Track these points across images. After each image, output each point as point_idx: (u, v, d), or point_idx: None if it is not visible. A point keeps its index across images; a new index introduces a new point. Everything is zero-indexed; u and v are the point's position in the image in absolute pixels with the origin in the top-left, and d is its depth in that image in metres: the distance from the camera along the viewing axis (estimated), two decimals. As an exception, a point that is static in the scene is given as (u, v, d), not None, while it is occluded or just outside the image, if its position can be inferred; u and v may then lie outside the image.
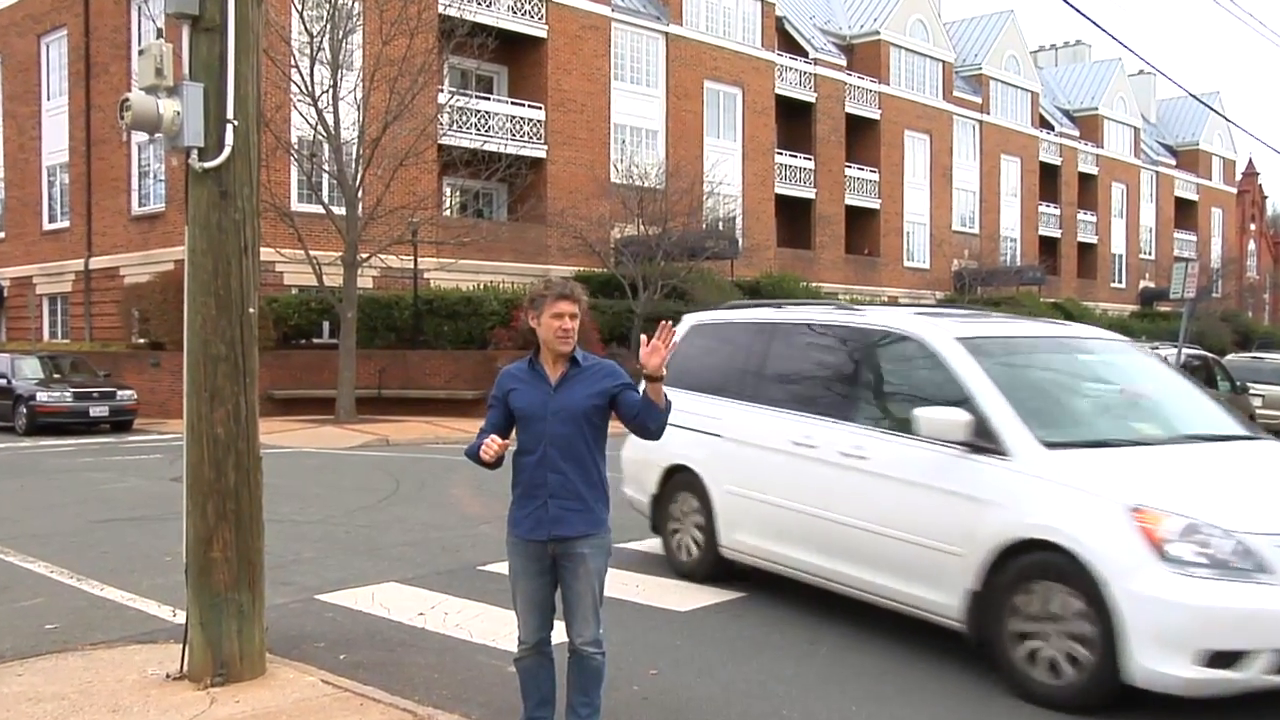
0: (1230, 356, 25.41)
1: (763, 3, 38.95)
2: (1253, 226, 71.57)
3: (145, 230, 28.12)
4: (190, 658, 5.16)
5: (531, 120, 31.94)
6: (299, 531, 9.74)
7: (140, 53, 5.14)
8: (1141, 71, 61.23)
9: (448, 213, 31.21)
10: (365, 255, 22.09)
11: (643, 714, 5.10)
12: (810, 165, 41.28)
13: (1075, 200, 55.40)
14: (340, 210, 22.08)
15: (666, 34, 35.79)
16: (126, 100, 5.00)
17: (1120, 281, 59.08)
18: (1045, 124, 53.97)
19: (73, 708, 4.82)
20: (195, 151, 5.05)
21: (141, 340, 26.24)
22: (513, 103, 32.10)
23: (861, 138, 43.48)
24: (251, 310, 5.19)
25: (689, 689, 5.44)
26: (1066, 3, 11.82)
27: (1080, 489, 5.28)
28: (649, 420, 4.27)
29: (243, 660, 5.13)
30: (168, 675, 5.21)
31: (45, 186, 32.05)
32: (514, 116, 31.64)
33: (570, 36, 32.84)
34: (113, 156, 29.05)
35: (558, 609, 4.42)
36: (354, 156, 21.86)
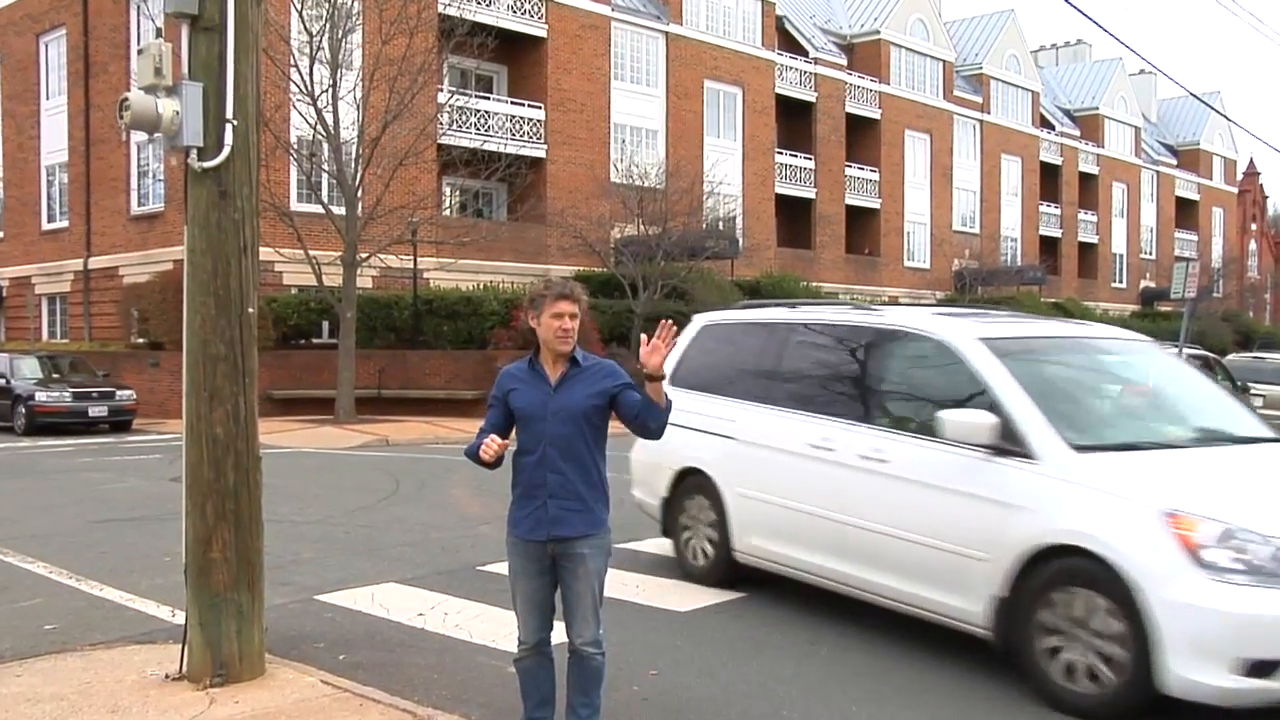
0: (1231, 356, 25.41)
1: (763, 2, 38.91)
2: (1254, 226, 71.58)
3: (144, 230, 28.10)
4: (189, 658, 5.15)
5: (531, 120, 31.92)
6: (298, 532, 9.74)
7: (139, 52, 5.13)
8: (1142, 71, 61.17)
9: (447, 212, 31.19)
10: (365, 255, 22.08)
11: (643, 714, 5.09)
12: (810, 165, 41.26)
13: (1076, 200, 55.38)
14: (340, 210, 22.07)
15: (666, 33, 35.77)
16: (126, 100, 5.00)
17: (1121, 281, 59.07)
18: (1046, 124, 53.96)
19: (72, 708, 4.82)
20: (194, 151, 5.05)
21: (140, 340, 26.22)
22: (512, 102, 32.08)
23: (862, 137, 43.45)
24: (251, 310, 5.19)
25: (689, 689, 5.44)
26: (1067, 2, 11.81)
27: (1112, 493, 5.18)
28: (650, 420, 4.24)
29: (242, 661, 5.13)
30: (167, 676, 5.21)
31: (44, 186, 32.02)
32: (514, 116, 31.63)
33: (570, 36, 32.82)
34: (112, 156, 29.01)
35: (557, 609, 4.42)
36: (353, 156, 21.85)
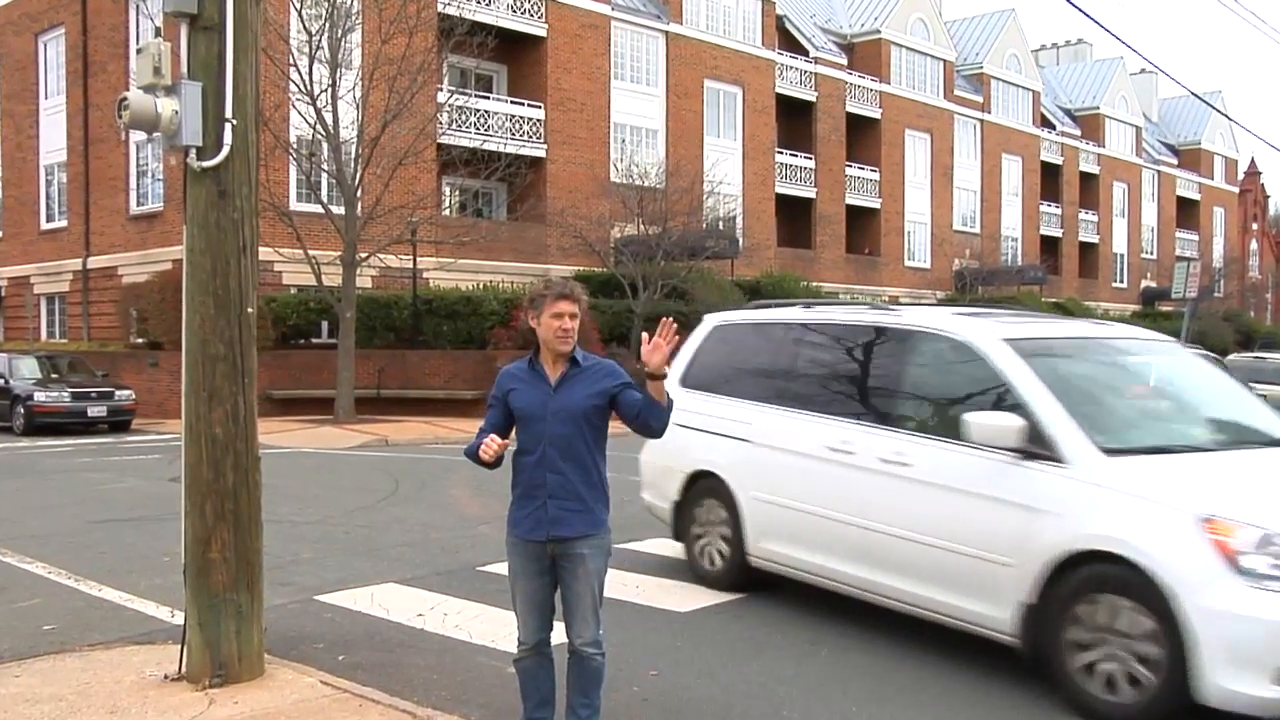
0: (1232, 357, 25.38)
1: (763, 2, 38.89)
2: (1255, 226, 71.57)
3: (143, 230, 28.08)
4: (188, 659, 5.15)
5: (531, 119, 31.91)
6: (298, 532, 9.73)
7: (138, 51, 5.12)
8: (1143, 70, 61.17)
9: (447, 212, 31.18)
10: (364, 255, 22.06)
11: (643, 715, 5.08)
12: (811, 164, 41.25)
13: (1077, 200, 55.37)
14: (339, 210, 22.05)
15: (666, 33, 35.76)
16: (124, 99, 4.99)
17: (1122, 281, 59.04)
18: (1047, 123, 53.94)
19: (70, 709, 4.81)
20: (193, 150, 5.04)
21: (140, 340, 26.20)
22: (512, 102, 32.07)
23: (862, 137, 43.44)
24: (250, 310, 5.18)
25: (689, 690, 5.43)
26: (1068, 1, 11.80)
27: (1145, 498, 5.06)
28: (651, 419, 4.22)
29: (241, 661, 5.12)
30: (166, 676, 5.20)
31: (43, 186, 31.99)
32: (513, 116, 31.61)
33: (570, 35, 32.81)
34: (111, 155, 28.99)
35: (557, 610, 4.41)
36: (353, 156, 21.83)
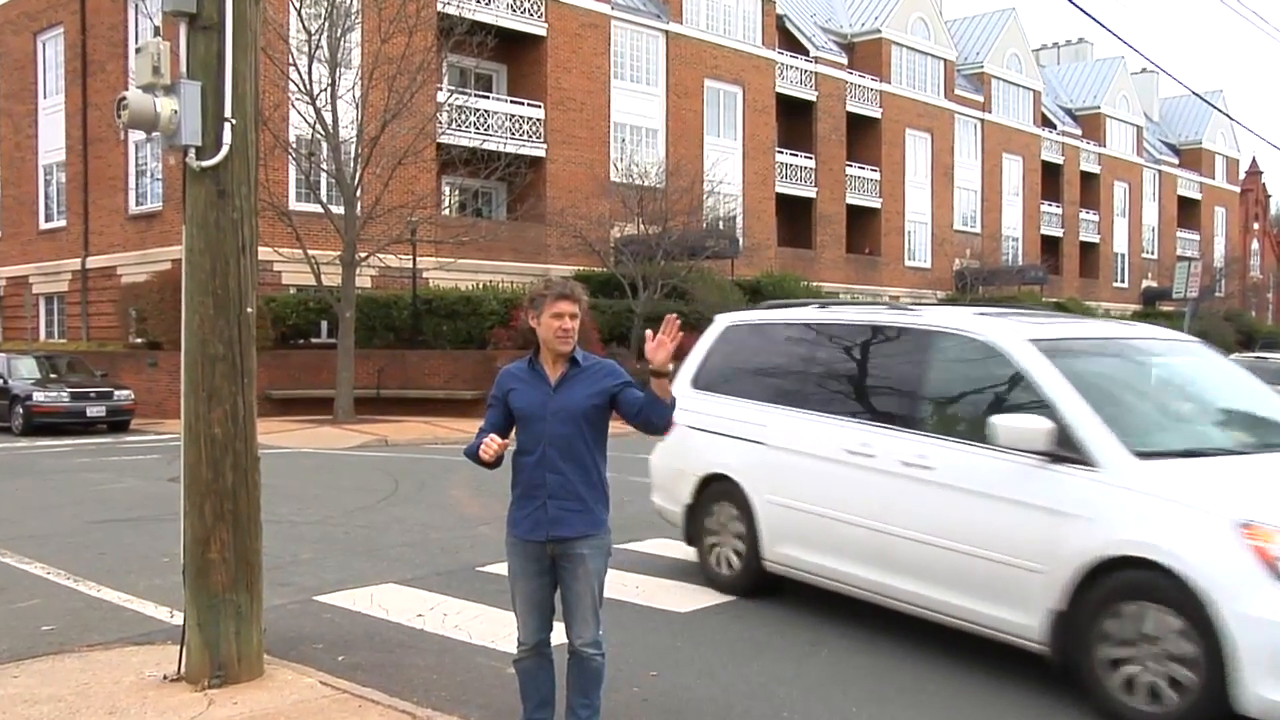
0: (1234, 356, 25.28)
1: (763, 1, 38.89)
2: (1256, 226, 71.60)
3: (142, 229, 28.07)
4: (188, 659, 5.14)
5: (531, 119, 31.90)
6: (297, 532, 9.72)
7: (137, 51, 5.11)
8: (1144, 70, 61.16)
9: (447, 212, 31.17)
10: (364, 255, 22.05)
11: (643, 716, 5.07)
12: (811, 164, 41.24)
13: (1077, 199, 55.36)
14: (338, 209, 22.04)
15: (666, 32, 35.75)
16: (124, 99, 4.98)
17: (1123, 281, 59.03)
18: (1047, 123, 53.93)
19: (69, 710, 4.80)
20: (193, 150, 5.03)
21: (139, 340, 26.19)
22: (512, 101, 32.06)
23: (862, 136, 43.43)
24: (249, 310, 5.17)
25: (689, 690, 5.42)
26: (1069, 1, 11.79)
27: (1180, 503, 4.96)
28: (655, 416, 4.19)
29: (240, 662, 5.11)
30: (165, 677, 5.19)
31: (42, 185, 31.95)
32: (513, 115, 31.60)
33: (570, 35, 32.80)
34: (110, 155, 28.97)
35: (557, 610, 4.40)
36: (352, 155, 21.81)
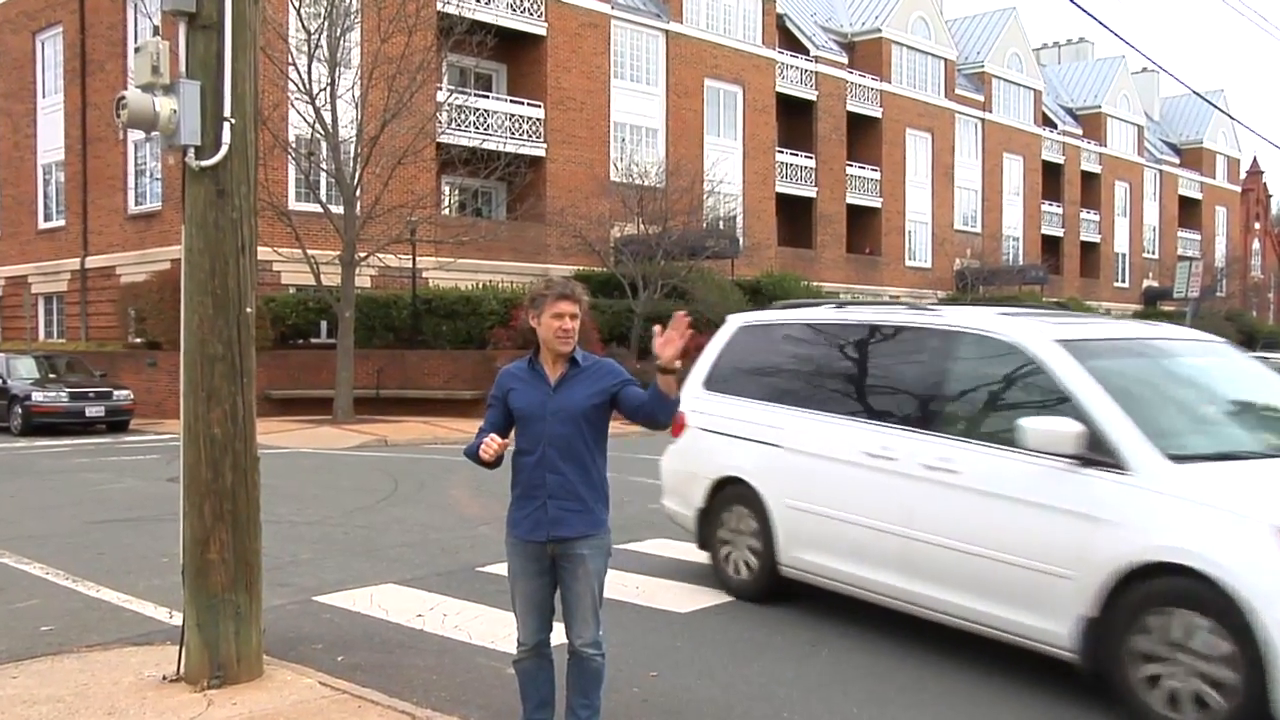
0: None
1: (763, 0, 38.88)
2: (1257, 225, 71.59)
3: (142, 229, 28.05)
4: (187, 660, 5.13)
5: (531, 118, 31.89)
6: (296, 532, 9.71)
7: (136, 50, 5.10)
8: (1145, 69, 61.18)
9: (446, 211, 31.16)
10: (363, 254, 22.04)
11: (643, 716, 5.07)
12: (811, 164, 41.23)
13: (1078, 199, 55.35)
14: (338, 209, 22.03)
15: (666, 32, 35.73)
16: (123, 98, 4.97)
17: (1123, 281, 59.01)
18: (1048, 122, 53.93)
19: (68, 710, 4.79)
20: (192, 150, 5.02)
21: (138, 340, 26.19)
22: (512, 101, 32.05)
23: (863, 136, 43.42)
24: (249, 310, 5.16)
25: (689, 691, 5.41)
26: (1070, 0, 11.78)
27: (1218, 507, 4.85)
28: (659, 412, 4.17)
29: (240, 662, 5.10)
30: (164, 677, 5.18)
31: (40, 185, 31.93)
32: (513, 115, 31.59)
33: (570, 34, 32.78)
34: (109, 155, 28.96)
35: (557, 610, 4.39)
36: (352, 155, 21.80)
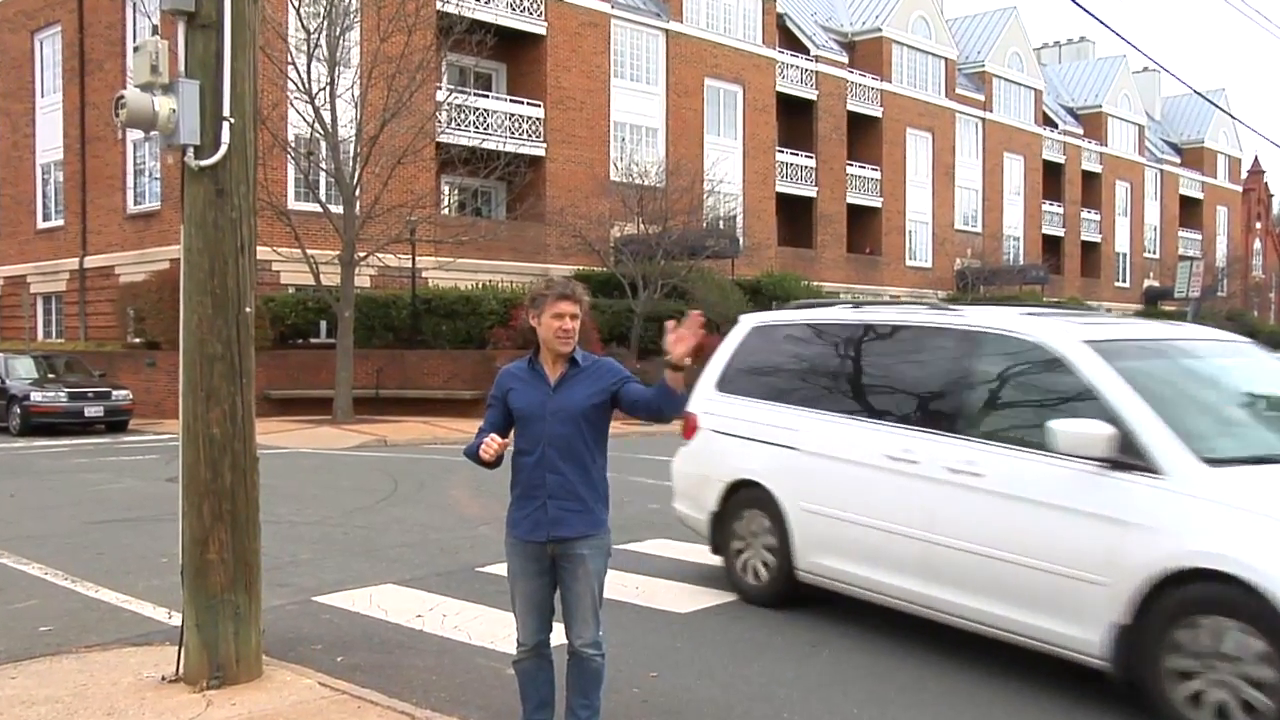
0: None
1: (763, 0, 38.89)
2: (1258, 225, 71.58)
3: (140, 229, 28.04)
4: (186, 660, 5.12)
5: (530, 118, 31.88)
6: (296, 533, 9.70)
7: (135, 49, 5.09)
8: (1146, 69, 61.17)
9: (446, 211, 31.15)
10: (363, 254, 22.03)
11: (643, 716, 5.06)
12: (811, 163, 41.22)
13: (1079, 198, 55.33)
14: (337, 209, 22.02)
15: (666, 31, 35.72)
16: (121, 97, 4.96)
17: (1124, 280, 58.99)
18: (1049, 122, 53.92)
19: (67, 711, 4.78)
20: (191, 149, 5.01)
21: (137, 340, 26.17)
22: (511, 100, 32.03)
23: (863, 135, 43.41)
24: (248, 309, 5.15)
25: (689, 691, 5.40)
26: None
27: (1258, 512, 4.74)
28: (665, 408, 4.16)
29: (239, 662, 5.10)
30: (163, 678, 5.17)
31: (39, 184, 31.92)
32: (513, 114, 31.58)
33: (569, 33, 32.77)
34: (108, 154, 28.94)
35: (557, 611, 4.39)
36: (351, 154, 21.79)
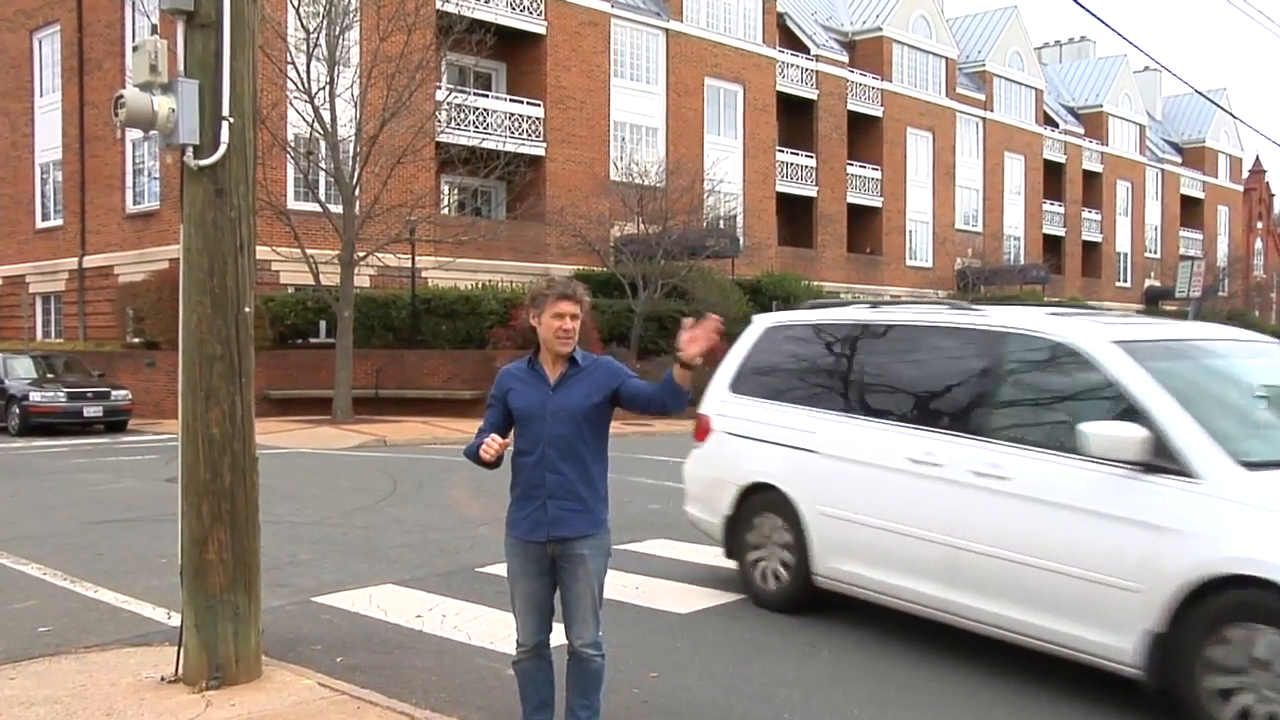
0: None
1: (763, -1, 38.90)
2: (1259, 224, 71.57)
3: (140, 228, 28.02)
4: (185, 661, 5.11)
5: (530, 117, 31.87)
6: (295, 533, 9.69)
7: (134, 49, 5.09)
8: (1147, 68, 61.16)
9: (446, 211, 31.14)
10: (362, 254, 22.02)
11: (643, 717, 5.05)
12: (812, 163, 41.21)
13: (1080, 198, 55.31)
14: (337, 208, 22.01)
15: (666, 30, 35.71)
16: (121, 97, 4.95)
17: (1125, 280, 58.97)
18: (1049, 121, 53.90)
19: (66, 711, 4.77)
20: (190, 149, 5.01)
21: (136, 340, 26.15)
22: (511, 100, 32.02)
23: (864, 135, 43.39)
24: (247, 309, 5.14)
25: (690, 692, 5.39)
26: (1069, -1, 11.74)
27: None
28: (670, 403, 4.17)
29: (238, 663, 5.09)
30: (162, 678, 5.16)
31: (38, 184, 31.89)
32: (513, 114, 31.56)
33: (569, 33, 32.76)
34: (107, 154, 28.92)
35: (557, 611, 4.38)
36: (351, 154, 21.78)
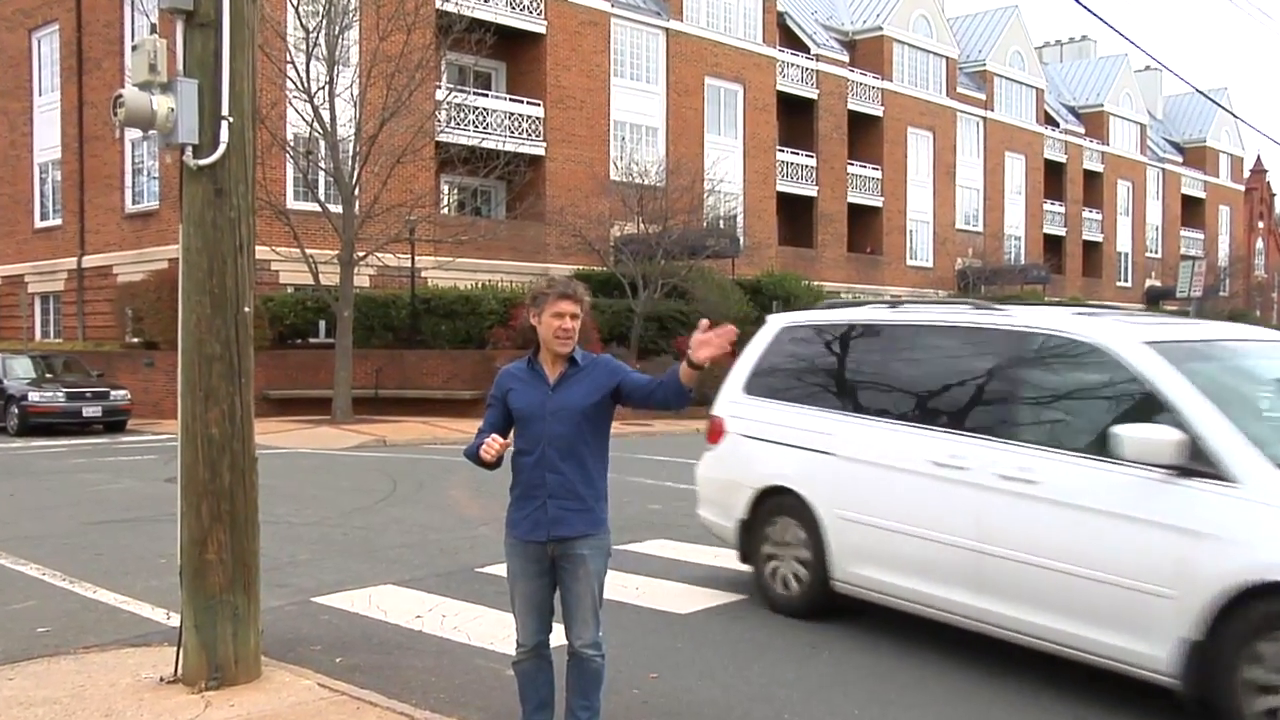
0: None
1: (763, -2, 38.88)
2: (1261, 224, 71.57)
3: (139, 228, 28.02)
4: (184, 661, 5.11)
5: (530, 117, 31.86)
6: (295, 533, 9.68)
7: (133, 48, 5.09)
8: (1148, 67, 61.14)
9: (445, 211, 31.13)
10: (362, 254, 22.02)
11: (643, 718, 5.04)
12: (812, 162, 41.20)
13: (1080, 198, 55.31)
14: (336, 208, 22.00)
15: (667, 30, 35.70)
16: (120, 96, 4.94)
17: (1126, 280, 58.96)
18: (1050, 121, 53.90)
19: (65, 712, 4.77)
20: (190, 148, 5.00)
21: (135, 340, 26.14)
22: (511, 99, 32.01)
23: (864, 135, 43.38)
24: (247, 309, 5.14)
25: (690, 692, 5.39)
26: (1069, -2, 11.74)
27: None
28: (673, 400, 4.17)
29: (238, 663, 5.08)
30: (161, 679, 5.16)
31: (37, 184, 31.89)
32: (512, 113, 31.56)
33: (569, 32, 32.75)
34: (106, 153, 28.91)
35: (556, 611, 4.37)
36: (350, 154, 21.77)
